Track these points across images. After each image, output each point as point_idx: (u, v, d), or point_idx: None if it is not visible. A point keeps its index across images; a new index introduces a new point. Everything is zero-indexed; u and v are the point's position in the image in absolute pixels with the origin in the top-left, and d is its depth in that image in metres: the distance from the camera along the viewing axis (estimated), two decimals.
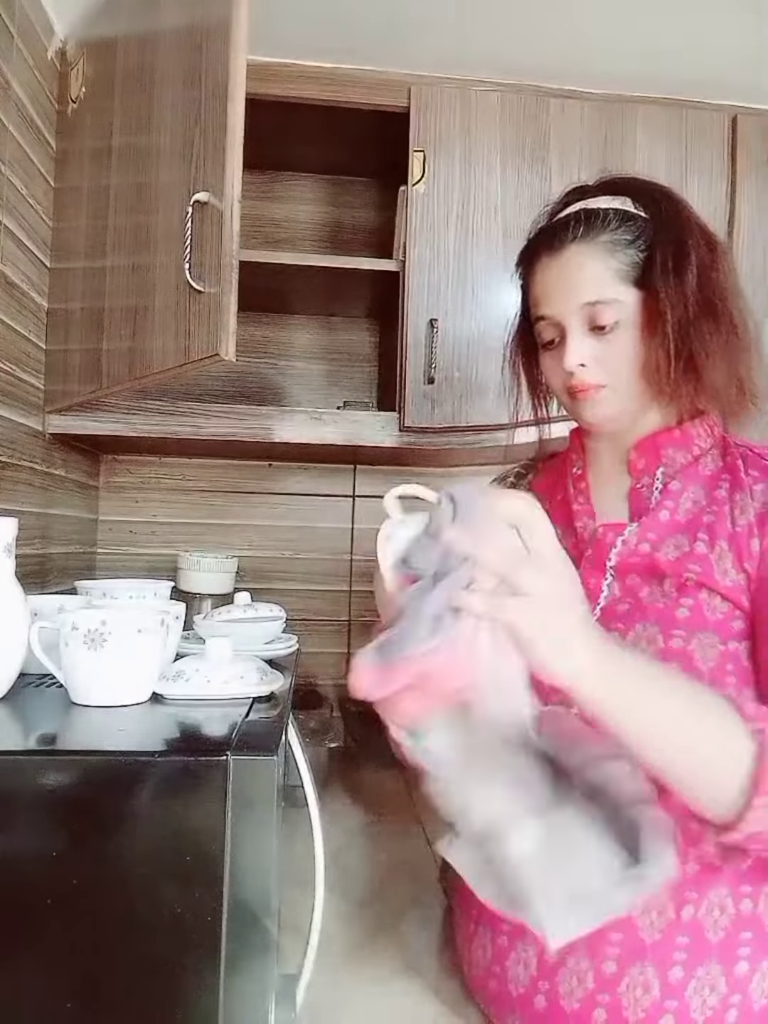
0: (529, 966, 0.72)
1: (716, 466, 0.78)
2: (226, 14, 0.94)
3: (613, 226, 0.77)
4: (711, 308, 0.75)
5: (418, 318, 1.46)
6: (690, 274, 0.75)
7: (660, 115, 1.54)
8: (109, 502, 1.77)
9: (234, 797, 0.56)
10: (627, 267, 0.76)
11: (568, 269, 0.77)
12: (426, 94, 1.49)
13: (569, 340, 0.77)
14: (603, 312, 0.75)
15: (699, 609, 0.71)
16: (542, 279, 0.80)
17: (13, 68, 1.18)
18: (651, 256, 0.75)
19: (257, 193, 1.79)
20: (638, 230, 0.77)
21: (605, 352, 0.77)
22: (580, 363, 0.77)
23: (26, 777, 0.55)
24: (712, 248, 0.77)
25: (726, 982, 0.67)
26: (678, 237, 0.76)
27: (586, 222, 0.77)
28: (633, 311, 0.75)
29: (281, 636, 1.04)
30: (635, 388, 0.77)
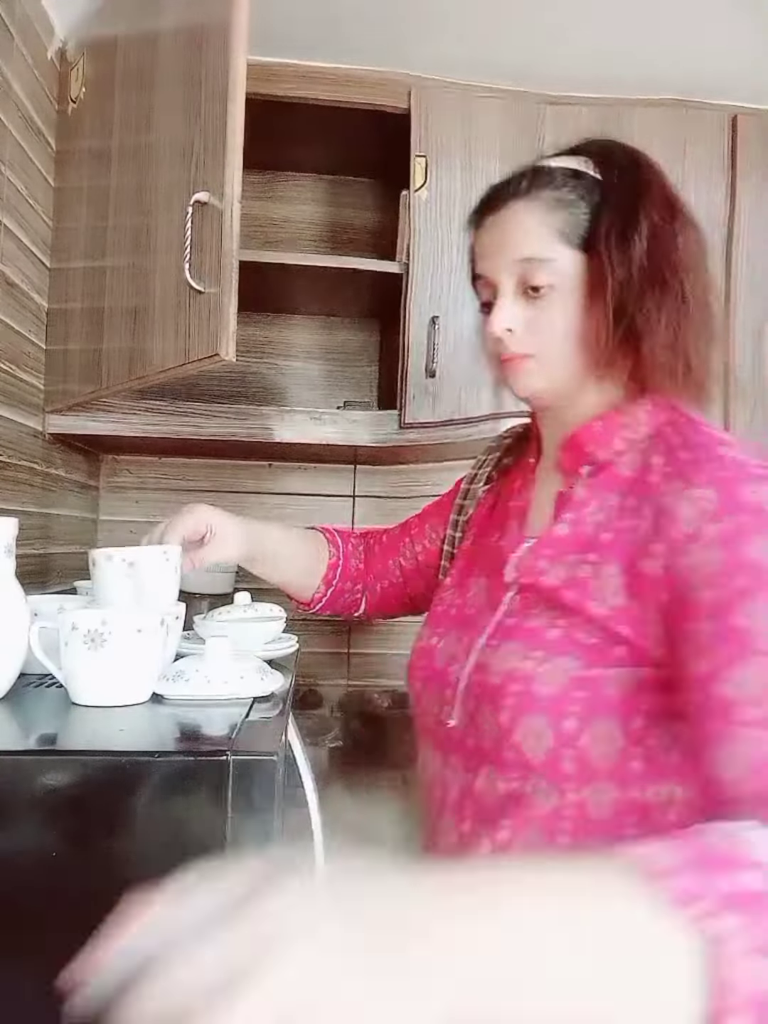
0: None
1: (638, 465, 0.69)
2: (226, 14, 0.94)
3: (559, 183, 0.72)
4: (659, 278, 0.68)
5: (420, 318, 1.47)
6: (637, 239, 0.68)
7: (660, 115, 1.54)
8: (109, 502, 1.77)
9: (234, 797, 0.56)
10: (569, 227, 0.70)
11: (506, 225, 0.73)
12: (427, 98, 1.49)
13: (499, 302, 0.72)
14: (537, 271, 0.70)
15: (571, 632, 0.65)
16: (482, 237, 0.76)
17: (13, 68, 1.18)
18: (597, 217, 0.70)
19: (257, 193, 1.79)
20: (585, 190, 0.72)
21: (537, 317, 0.71)
22: (508, 327, 0.71)
23: (26, 777, 0.55)
24: (671, 218, 0.71)
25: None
26: (630, 201, 0.70)
27: (531, 179, 0.73)
28: (571, 275, 0.70)
29: (281, 636, 1.04)
30: (567, 361, 0.71)
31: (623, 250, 0.68)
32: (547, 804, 0.64)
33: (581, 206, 0.71)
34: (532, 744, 0.64)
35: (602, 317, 0.68)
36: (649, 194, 0.71)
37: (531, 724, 0.64)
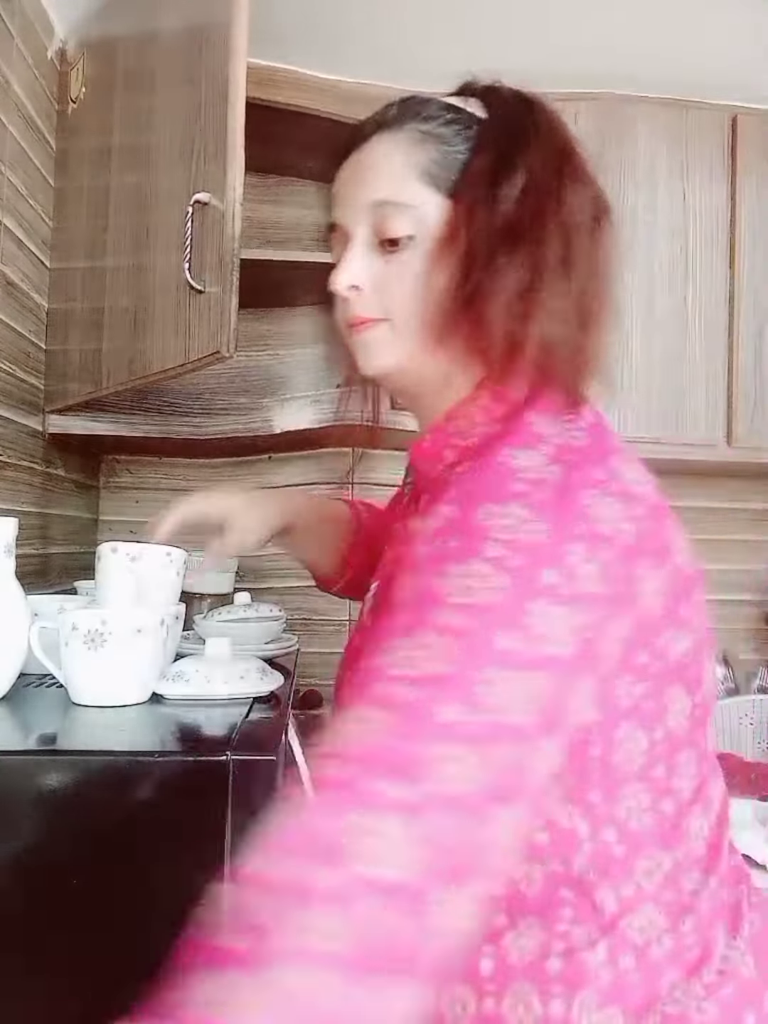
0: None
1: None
2: (226, 14, 0.94)
3: (432, 114, 0.60)
4: (521, 234, 0.56)
5: None
6: (507, 186, 0.57)
7: (660, 115, 1.54)
8: (109, 502, 1.77)
9: (234, 797, 0.56)
10: (436, 167, 0.58)
11: (364, 162, 0.61)
12: None
13: (348, 253, 0.60)
14: (394, 218, 0.58)
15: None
16: (338, 178, 0.64)
17: (13, 68, 1.18)
18: (470, 160, 0.59)
19: (259, 196, 1.79)
20: (463, 126, 0.60)
21: (389, 274, 0.59)
22: (353, 283, 0.59)
23: (26, 777, 0.55)
24: (557, 171, 0.59)
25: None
26: (509, 144, 0.59)
27: (400, 108, 0.61)
28: (432, 225, 0.58)
29: (281, 636, 1.05)
30: (417, 330, 0.59)
31: (488, 198, 0.57)
32: None
33: (455, 143, 0.59)
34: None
35: (449, 275, 0.56)
36: (535, 139, 0.59)
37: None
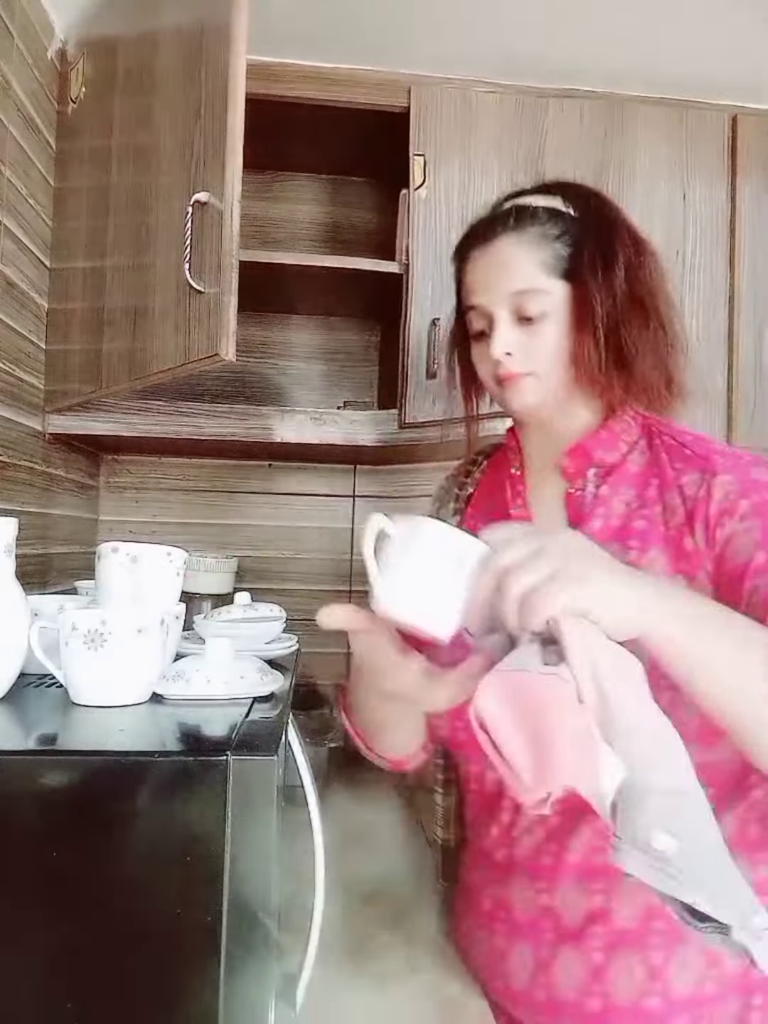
0: (527, 964, 0.75)
1: (644, 460, 0.79)
2: (226, 14, 0.94)
3: (542, 220, 0.79)
4: (639, 303, 0.77)
5: (420, 319, 1.46)
6: (617, 270, 0.77)
7: (660, 115, 1.54)
8: (109, 502, 1.77)
9: (234, 797, 0.56)
10: (554, 259, 0.77)
11: (498, 259, 0.79)
12: (426, 96, 1.49)
13: (497, 329, 0.78)
14: (530, 302, 0.77)
15: None
16: (473, 269, 0.82)
17: (13, 68, 1.18)
18: (579, 251, 0.77)
19: (257, 193, 1.79)
20: (565, 226, 0.79)
21: (531, 341, 0.78)
22: (507, 351, 0.78)
23: (26, 777, 0.55)
24: (640, 249, 0.80)
25: (705, 960, 0.70)
26: (606, 235, 0.78)
27: (517, 216, 0.79)
28: (561, 303, 0.77)
29: (281, 636, 1.05)
30: (561, 377, 0.78)
31: (607, 280, 0.76)
32: None
33: (564, 240, 0.78)
34: None
35: (592, 341, 0.76)
36: (619, 229, 0.80)
37: None
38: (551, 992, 0.73)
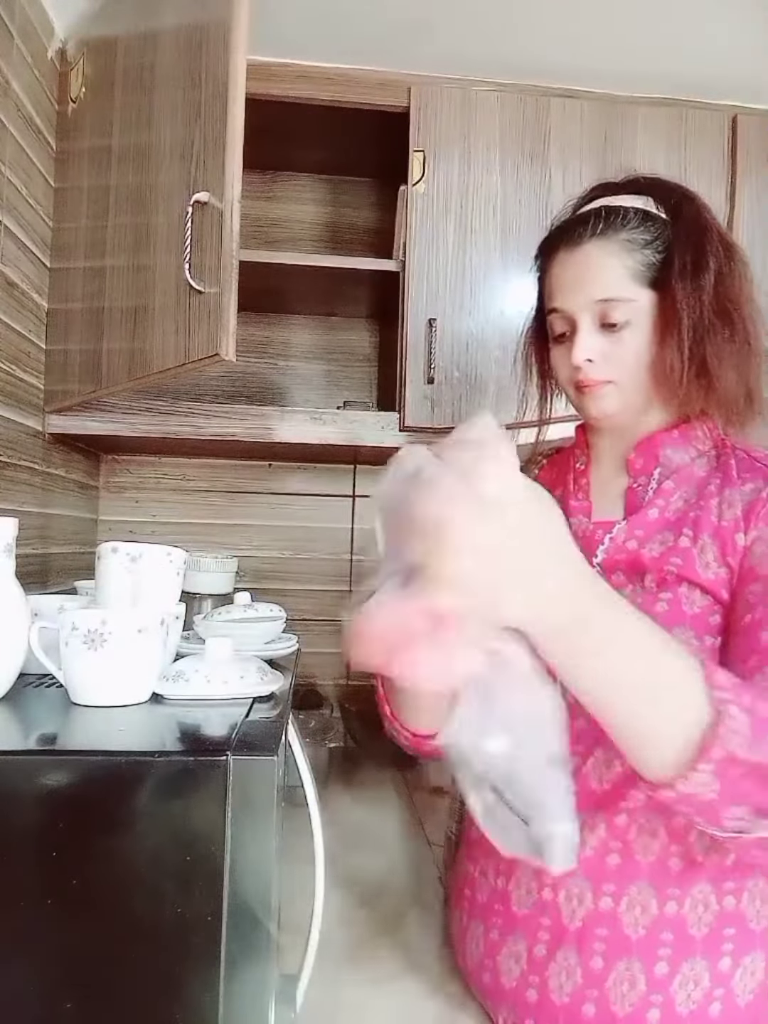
0: (520, 960, 0.73)
1: (710, 467, 0.78)
2: (226, 14, 0.94)
3: (632, 225, 0.76)
4: (726, 314, 0.75)
5: (418, 318, 1.47)
6: (707, 279, 0.74)
7: (660, 115, 1.54)
8: (109, 502, 1.77)
9: (234, 797, 0.56)
10: (643, 267, 0.75)
11: (584, 265, 0.77)
12: (426, 94, 1.49)
13: (579, 335, 0.77)
14: (615, 310, 0.75)
15: (677, 603, 0.71)
16: (558, 273, 0.80)
17: (13, 68, 1.18)
18: (668, 258, 0.75)
19: (257, 193, 1.79)
20: (657, 231, 0.76)
21: (614, 349, 0.76)
22: (588, 358, 0.77)
23: (26, 777, 0.55)
24: (730, 255, 0.77)
25: (710, 977, 0.68)
26: (697, 241, 0.76)
27: (606, 219, 0.77)
28: (645, 312, 0.75)
29: (281, 636, 1.05)
30: (641, 386, 0.78)
31: (695, 290, 0.74)
32: None
33: (654, 246, 0.76)
34: None
35: (676, 351, 0.74)
36: (711, 235, 0.77)
37: None
38: (543, 993, 0.71)
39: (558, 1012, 0.70)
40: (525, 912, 0.74)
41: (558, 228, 0.82)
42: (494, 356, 1.47)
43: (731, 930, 0.69)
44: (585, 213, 0.80)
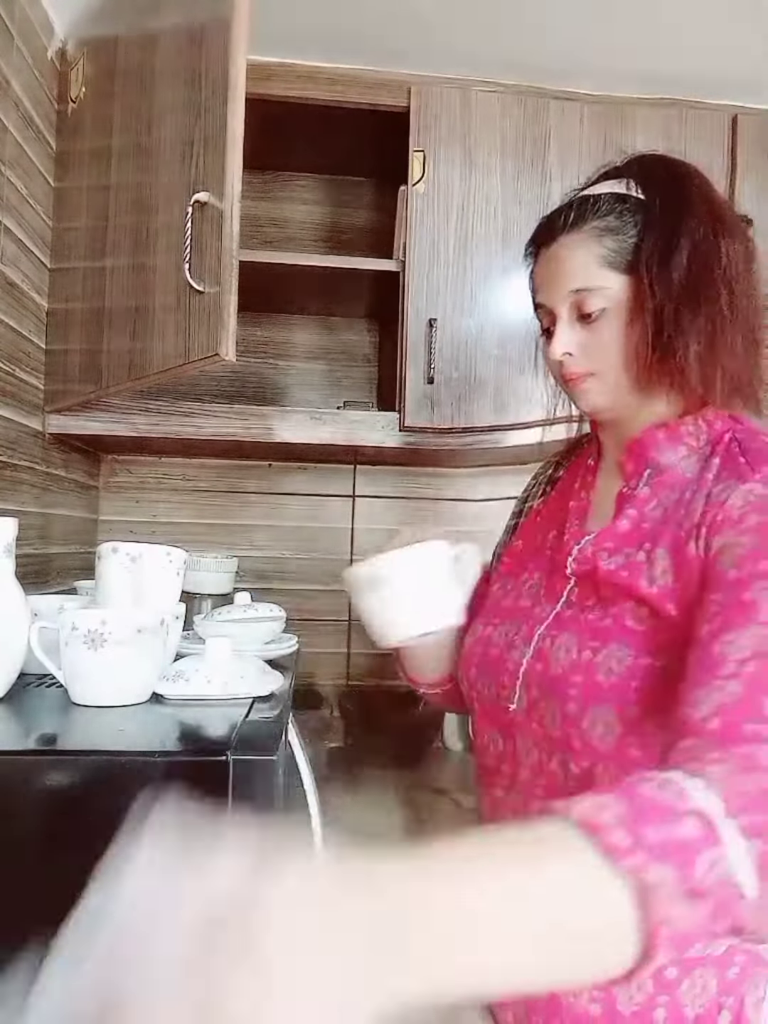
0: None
1: (700, 467, 0.73)
2: (226, 14, 0.94)
3: (603, 212, 0.74)
4: (695, 296, 0.71)
5: (418, 318, 1.47)
6: (679, 258, 0.71)
7: (660, 115, 1.54)
8: (109, 502, 1.77)
9: (234, 797, 0.56)
10: (615, 253, 0.73)
11: (557, 258, 0.76)
12: (426, 94, 1.49)
13: (557, 329, 0.76)
14: (588, 299, 0.74)
15: (621, 618, 0.68)
16: (538, 269, 0.80)
17: (13, 68, 1.18)
18: (640, 239, 0.73)
19: (257, 193, 1.79)
20: (631, 213, 0.74)
21: (591, 340, 0.75)
22: (566, 351, 0.76)
23: (26, 777, 0.55)
24: (714, 231, 0.72)
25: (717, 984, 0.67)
26: (672, 220, 0.72)
27: (577, 209, 0.76)
28: (620, 298, 0.73)
29: (281, 636, 1.05)
30: (623, 377, 0.75)
31: (662, 273, 0.71)
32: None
33: (627, 230, 0.73)
34: (601, 732, 0.66)
35: (642, 336, 0.71)
36: (691, 210, 0.72)
37: (599, 715, 0.66)
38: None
39: (563, 1010, 0.70)
40: None
41: (539, 224, 0.82)
42: (493, 356, 1.47)
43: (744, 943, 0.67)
44: (560, 207, 0.79)
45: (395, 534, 0.83)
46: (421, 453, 1.58)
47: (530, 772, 0.73)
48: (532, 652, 0.74)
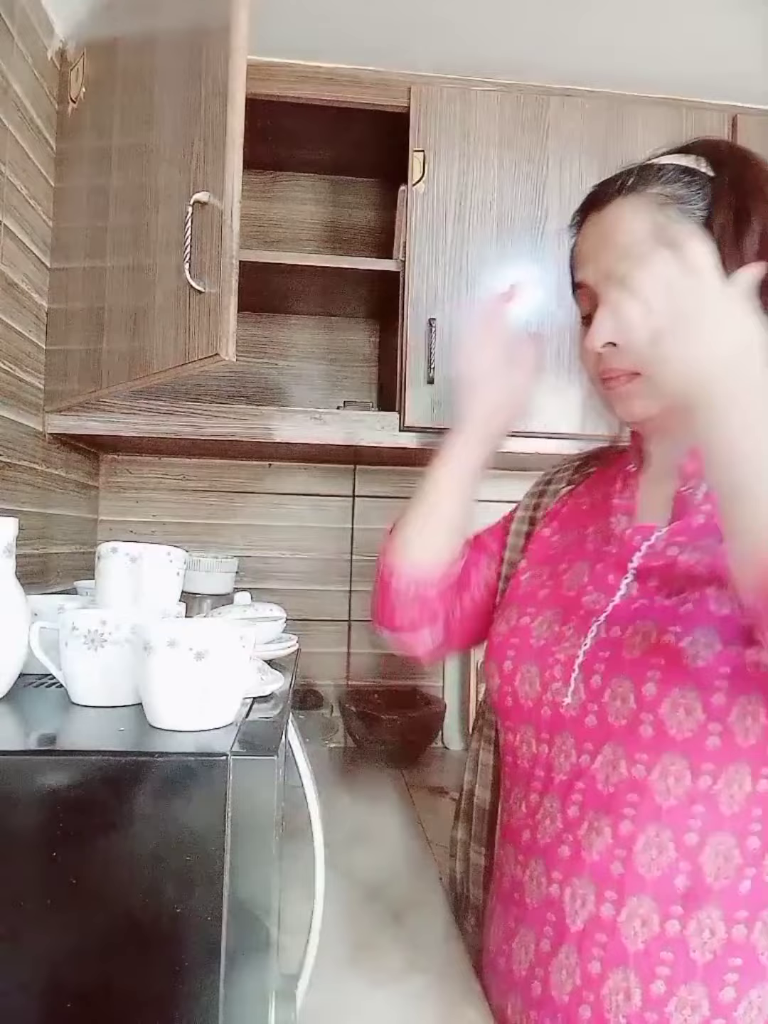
0: (529, 951, 0.72)
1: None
2: (226, 14, 0.94)
3: (669, 179, 0.68)
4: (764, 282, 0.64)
5: (418, 318, 1.47)
6: (751, 240, 0.66)
7: (660, 115, 1.54)
8: (109, 502, 1.77)
9: (234, 797, 0.56)
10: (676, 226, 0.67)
11: (608, 226, 0.68)
12: (426, 94, 1.49)
13: (598, 313, 0.68)
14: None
15: (703, 604, 0.65)
16: (582, 240, 0.72)
17: (13, 68, 1.18)
18: (709, 218, 0.67)
19: (257, 193, 1.79)
20: (698, 187, 0.68)
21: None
22: (607, 341, 0.67)
23: (26, 777, 0.55)
24: None
25: (709, 1005, 0.64)
26: (745, 201, 0.67)
27: (639, 174, 0.69)
28: None
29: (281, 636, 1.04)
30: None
31: (733, 254, 0.65)
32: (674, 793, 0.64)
33: (694, 202, 0.68)
34: (680, 717, 0.63)
35: None
36: (762, 195, 0.68)
37: (680, 698, 0.63)
38: (546, 988, 0.70)
39: (558, 1010, 0.70)
40: (535, 905, 0.73)
41: (590, 192, 0.73)
42: None
43: (738, 960, 0.64)
44: (618, 173, 0.71)
45: None
46: (421, 453, 1.57)
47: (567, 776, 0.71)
48: (592, 642, 0.71)
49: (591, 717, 0.70)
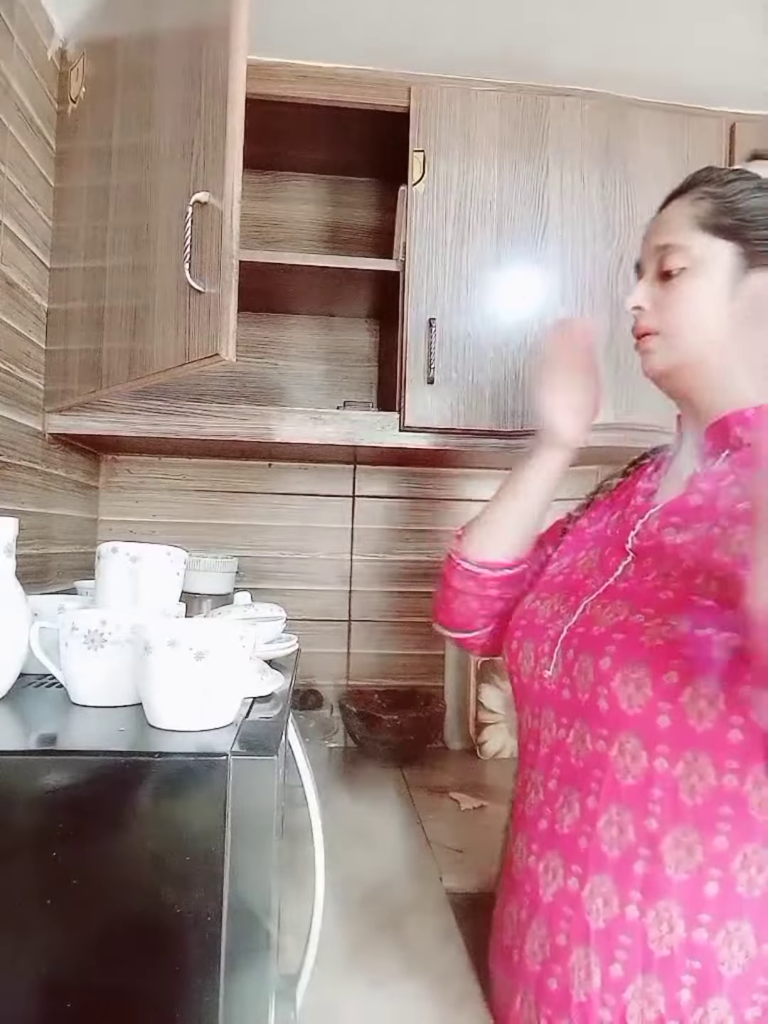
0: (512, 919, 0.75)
1: None
2: (226, 14, 0.94)
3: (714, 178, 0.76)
4: None
5: (418, 318, 1.47)
6: None
7: (660, 120, 1.54)
8: (109, 502, 1.77)
9: (234, 797, 0.56)
10: (707, 215, 0.74)
11: (660, 219, 0.79)
12: (426, 94, 1.49)
13: (638, 284, 0.79)
14: (670, 256, 0.75)
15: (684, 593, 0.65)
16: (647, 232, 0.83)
17: (13, 68, 1.18)
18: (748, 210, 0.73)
19: (257, 193, 1.79)
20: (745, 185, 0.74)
21: (665, 298, 0.76)
22: (637, 305, 0.77)
23: (26, 777, 0.55)
24: None
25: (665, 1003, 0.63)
26: None
27: (694, 176, 0.78)
28: (702, 259, 0.74)
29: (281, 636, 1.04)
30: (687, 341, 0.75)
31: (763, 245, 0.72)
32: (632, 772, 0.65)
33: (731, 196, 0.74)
34: (630, 692, 0.64)
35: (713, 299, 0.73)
36: None
37: (631, 672, 0.64)
38: (522, 956, 0.70)
39: (530, 978, 0.70)
40: (519, 876, 0.74)
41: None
42: (492, 357, 1.47)
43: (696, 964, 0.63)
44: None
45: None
46: (421, 453, 1.57)
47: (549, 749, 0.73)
48: (576, 619, 0.73)
49: (565, 691, 0.72)
